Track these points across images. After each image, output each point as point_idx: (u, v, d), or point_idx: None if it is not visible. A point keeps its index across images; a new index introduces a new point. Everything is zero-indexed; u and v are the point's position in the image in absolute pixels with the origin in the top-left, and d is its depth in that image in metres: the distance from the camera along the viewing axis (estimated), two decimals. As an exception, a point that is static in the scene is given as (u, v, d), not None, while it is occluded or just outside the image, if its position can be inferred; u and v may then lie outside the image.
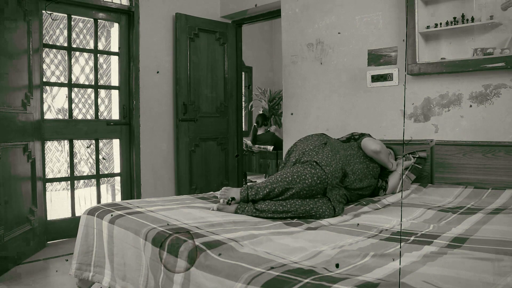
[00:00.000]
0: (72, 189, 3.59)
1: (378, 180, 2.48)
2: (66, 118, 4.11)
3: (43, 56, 3.58)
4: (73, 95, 3.68)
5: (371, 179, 2.39)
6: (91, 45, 5.64)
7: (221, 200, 2.02)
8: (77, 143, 5.53)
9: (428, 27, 2.77)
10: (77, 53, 5.77)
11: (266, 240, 1.49)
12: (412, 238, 1.55)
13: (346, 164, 2.22)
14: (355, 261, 1.26)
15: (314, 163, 2.05)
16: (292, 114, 3.63)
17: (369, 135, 2.53)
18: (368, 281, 1.07)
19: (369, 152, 2.41)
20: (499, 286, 1.04)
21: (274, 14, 4.06)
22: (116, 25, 3.81)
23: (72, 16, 3.55)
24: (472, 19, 2.60)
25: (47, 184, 3.80)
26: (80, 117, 5.87)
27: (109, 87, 4.43)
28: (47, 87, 5.37)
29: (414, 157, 2.67)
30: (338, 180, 2.12)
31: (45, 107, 4.05)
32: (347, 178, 2.20)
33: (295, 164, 2.17)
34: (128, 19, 3.79)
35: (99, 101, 4.20)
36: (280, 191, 1.96)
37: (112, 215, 1.88)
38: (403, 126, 2.96)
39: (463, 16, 2.63)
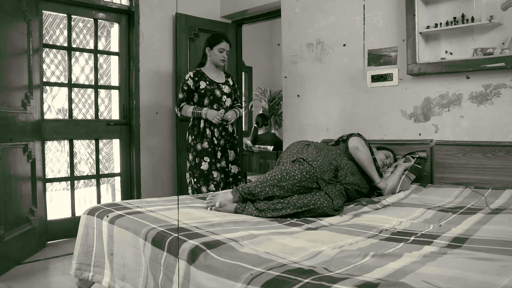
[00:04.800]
0: (72, 189, 3.59)
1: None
2: (66, 118, 4.11)
3: (43, 56, 3.58)
4: (73, 95, 3.68)
5: (364, 175, 2.39)
6: (91, 45, 5.64)
7: (208, 208, 2.02)
8: (77, 143, 5.53)
9: (428, 27, 2.77)
10: (77, 53, 5.77)
11: (266, 240, 1.49)
12: (412, 238, 1.55)
13: (333, 159, 2.23)
14: (355, 261, 1.26)
15: (301, 160, 2.11)
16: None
17: (358, 134, 2.49)
18: (368, 281, 1.06)
19: (350, 147, 2.39)
20: (499, 286, 1.04)
21: (274, 14, 4.06)
22: (116, 25, 3.81)
23: (72, 16, 3.55)
24: (472, 19, 2.60)
25: (47, 184, 3.80)
26: (80, 117, 5.87)
27: (109, 87, 4.43)
28: (47, 87, 5.37)
29: (413, 158, 2.67)
30: (331, 176, 2.14)
31: (45, 107, 4.06)
32: (338, 173, 2.21)
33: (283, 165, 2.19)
34: (128, 19, 3.80)
35: (99, 101, 4.20)
36: (271, 189, 1.97)
37: (112, 215, 1.88)
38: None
39: (463, 16, 2.63)
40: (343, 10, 3.26)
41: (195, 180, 3.10)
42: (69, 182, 3.72)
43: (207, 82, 3.12)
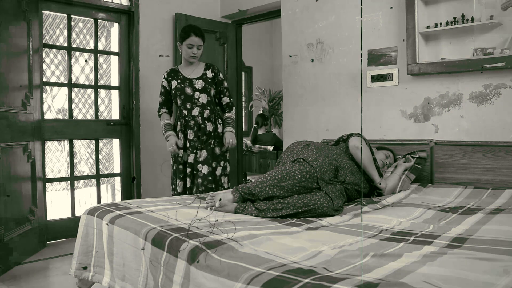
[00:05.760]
0: (72, 189, 3.59)
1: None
2: (66, 118, 4.12)
3: (43, 56, 3.58)
4: (73, 95, 3.68)
5: (364, 175, 2.38)
6: (91, 45, 5.65)
7: (208, 208, 2.01)
8: (77, 143, 5.53)
9: (428, 27, 2.77)
10: (77, 53, 5.77)
11: (266, 240, 1.49)
12: (412, 238, 1.54)
13: (333, 159, 2.23)
14: (355, 261, 1.26)
15: (302, 160, 2.11)
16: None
17: (359, 134, 2.49)
18: (368, 281, 1.06)
19: (351, 147, 2.40)
20: (499, 286, 1.04)
21: (274, 14, 4.06)
22: (116, 25, 3.81)
23: (72, 16, 3.55)
24: (472, 19, 2.60)
25: (47, 184, 3.80)
26: (80, 117, 5.87)
27: (109, 87, 4.43)
28: (47, 87, 5.37)
29: (413, 158, 2.67)
30: (331, 176, 2.14)
31: (45, 107, 4.06)
32: (338, 173, 2.21)
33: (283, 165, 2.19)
34: (128, 19, 3.80)
35: (99, 101, 4.20)
36: (271, 189, 1.97)
37: (112, 215, 1.88)
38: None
39: (463, 16, 2.63)
40: (343, 10, 3.26)
41: (173, 186, 3.02)
42: (69, 182, 3.72)
43: (179, 81, 2.90)
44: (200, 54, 2.89)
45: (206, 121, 2.88)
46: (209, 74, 2.92)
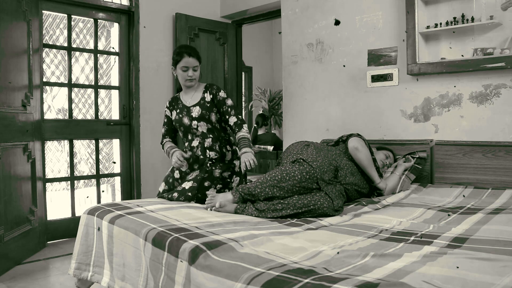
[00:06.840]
0: (72, 189, 3.59)
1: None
2: (66, 118, 4.12)
3: (43, 56, 3.58)
4: (73, 95, 3.68)
5: (364, 175, 2.38)
6: (91, 45, 5.65)
7: (208, 209, 2.01)
8: (77, 143, 5.54)
9: (428, 27, 2.77)
10: (77, 53, 5.78)
11: (266, 240, 1.49)
12: (412, 238, 1.55)
13: (333, 159, 2.23)
14: (355, 261, 1.26)
15: (301, 160, 2.12)
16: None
17: (358, 135, 2.48)
18: (368, 281, 1.07)
19: (350, 148, 2.39)
20: (499, 286, 1.04)
21: (274, 14, 4.06)
22: (116, 25, 3.81)
23: (72, 16, 3.55)
24: (472, 19, 2.60)
25: (47, 184, 3.80)
26: (80, 117, 5.88)
27: (109, 87, 4.43)
28: (47, 87, 5.38)
29: (413, 158, 2.67)
30: (331, 176, 2.14)
31: (45, 107, 4.06)
32: (338, 173, 2.21)
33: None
34: (128, 19, 3.80)
35: (99, 101, 4.20)
36: (271, 190, 1.97)
37: (112, 215, 1.88)
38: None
39: (463, 16, 2.63)
40: (343, 10, 3.26)
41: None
42: (69, 182, 3.72)
43: (178, 110, 2.53)
44: (198, 76, 2.50)
45: (207, 151, 2.46)
46: (208, 97, 2.48)
